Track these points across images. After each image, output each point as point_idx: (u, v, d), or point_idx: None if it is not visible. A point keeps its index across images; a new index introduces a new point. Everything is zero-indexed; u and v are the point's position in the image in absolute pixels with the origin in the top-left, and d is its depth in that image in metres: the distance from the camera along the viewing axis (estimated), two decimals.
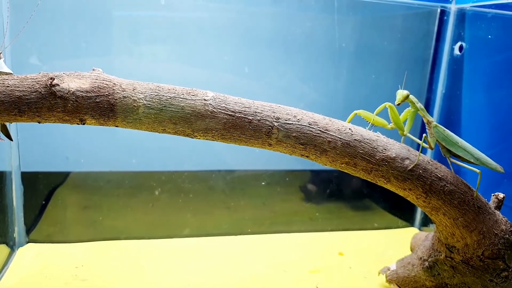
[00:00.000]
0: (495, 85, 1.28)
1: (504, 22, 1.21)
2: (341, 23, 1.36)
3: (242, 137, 0.74)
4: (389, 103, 0.79)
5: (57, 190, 1.27)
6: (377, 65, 1.44)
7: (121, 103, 0.69)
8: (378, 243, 1.40)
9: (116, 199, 1.33)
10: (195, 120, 0.71)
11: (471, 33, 1.32)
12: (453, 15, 1.36)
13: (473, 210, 0.79)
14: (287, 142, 0.74)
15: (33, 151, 1.23)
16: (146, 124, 0.71)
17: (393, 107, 0.80)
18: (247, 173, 1.44)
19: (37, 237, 1.23)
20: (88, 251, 1.20)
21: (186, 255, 1.23)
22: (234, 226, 1.40)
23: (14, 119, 0.69)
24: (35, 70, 0.78)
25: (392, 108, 0.80)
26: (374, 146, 0.76)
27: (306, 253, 1.29)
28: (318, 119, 0.76)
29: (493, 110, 1.29)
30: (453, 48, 1.37)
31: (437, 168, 0.79)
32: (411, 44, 1.48)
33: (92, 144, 1.28)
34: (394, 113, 0.80)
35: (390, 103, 0.79)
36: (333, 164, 0.77)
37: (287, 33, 1.36)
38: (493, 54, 1.26)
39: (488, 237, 0.80)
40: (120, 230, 1.30)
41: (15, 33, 0.83)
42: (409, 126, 0.83)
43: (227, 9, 1.31)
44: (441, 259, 0.87)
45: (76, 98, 0.68)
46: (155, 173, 1.36)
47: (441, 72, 1.41)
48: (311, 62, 1.40)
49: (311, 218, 1.48)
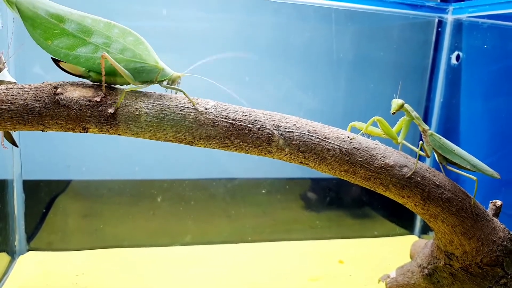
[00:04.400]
0: (493, 93, 1.29)
1: (500, 32, 1.23)
2: (340, 33, 1.38)
3: (243, 145, 0.75)
4: (377, 117, 0.80)
5: (58, 198, 1.28)
6: (375, 74, 1.46)
7: (124, 112, 0.71)
8: (378, 250, 1.40)
9: (117, 207, 1.33)
10: (196, 128, 0.72)
11: (468, 43, 1.34)
12: (450, 25, 1.38)
13: (471, 217, 0.80)
14: (287, 150, 0.75)
15: (34, 159, 1.23)
16: (148, 133, 0.72)
17: (381, 120, 0.81)
18: (248, 181, 1.44)
19: (37, 245, 1.24)
20: (89, 259, 1.21)
21: (186, 263, 1.23)
22: (235, 234, 1.40)
23: (18, 127, 0.70)
24: (38, 79, 0.80)
25: (381, 121, 0.81)
26: (373, 154, 0.77)
27: (306, 261, 1.29)
28: (317, 127, 0.77)
29: (491, 119, 1.30)
30: (450, 57, 1.39)
31: (435, 175, 0.79)
32: (410, 54, 1.49)
33: (94, 153, 1.29)
34: (383, 125, 0.81)
35: (378, 117, 0.80)
36: (332, 171, 0.78)
37: (287, 43, 1.38)
38: (489, 63, 1.28)
39: (486, 244, 0.81)
40: (121, 238, 1.31)
41: (19, 43, 0.85)
42: (404, 134, 0.83)
43: (228, 19, 1.33)
44: (441, 267, 0.88)
45: (79, 106, 0.69)
46: (156, 181, 1.36)
47: (439, 81, 1.43)
48: (311, 71, 1.42)
49: (311, 226, 1.48)
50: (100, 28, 0.70)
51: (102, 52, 0.69)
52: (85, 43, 0.70)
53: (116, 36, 0.71)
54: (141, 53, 0.72)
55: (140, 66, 0.72)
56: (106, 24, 0.70)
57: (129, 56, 0.71)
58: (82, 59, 0.70)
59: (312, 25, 1.38)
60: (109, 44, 0.70)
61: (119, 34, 0.71)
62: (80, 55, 0.70)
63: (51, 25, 0.68)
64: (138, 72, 0.72)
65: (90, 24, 0.70)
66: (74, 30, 0.69)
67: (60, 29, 0.69)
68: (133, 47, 0.71)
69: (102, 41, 0.70)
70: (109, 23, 0.71)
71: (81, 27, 0.69)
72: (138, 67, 0.72)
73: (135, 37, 0.72)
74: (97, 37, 0.70)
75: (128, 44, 0.71)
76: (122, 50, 0.71)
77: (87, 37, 0.70)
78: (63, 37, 0.69)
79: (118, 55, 0.71)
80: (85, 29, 0.69)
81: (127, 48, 0.71)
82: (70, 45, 0.69)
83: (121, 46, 0.71)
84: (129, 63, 0.71)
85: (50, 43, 0.69)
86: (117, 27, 0.71)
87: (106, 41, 0.70)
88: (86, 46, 0.70)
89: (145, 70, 0.72)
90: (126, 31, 0.71)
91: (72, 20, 0.69)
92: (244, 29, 1.34)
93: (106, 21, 0.71)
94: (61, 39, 0.69)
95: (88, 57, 0.70)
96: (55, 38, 0.69)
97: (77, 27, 0.69)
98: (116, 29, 0.71)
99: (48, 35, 0.69)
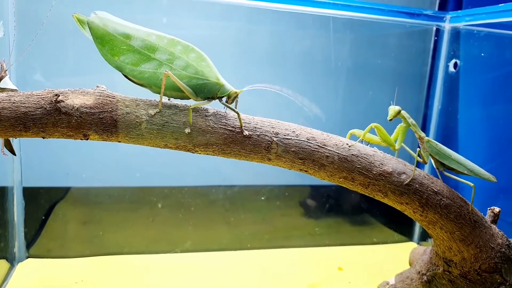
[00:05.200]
0: (490, 101, 1.30)
1: (496, 41, 1.24)
2: (338, 41, 1.39)
3: (242, 152, 0.75)
4: (374, 124, 0.81)
5: (58, 205, 1.28)
6: (374, 82, 1.47)
7: (124, 119, 0.71)
8: (377, 257, 1.40)
9: (117, 214, 1.33)
10: (196, 136, 0.73)
11: (465, 51, 1.35)
12: (448, 34, 1.39)
13: (470, 224, 0.80)
14: (286, 157, 0.76)
15: (34, 166, 1.24)
16: (148, 140, 0.73)
17: (378, 127, 0.81)
18: (247, 188, 1.45)
19: (37, 252, 1.23)
20: (88, 266, 1.21)
21: (186, 270, 1.23)
22: (234, 241, 1.40)
23: (19, 134, 0.70)
24: (39, 86, 0.80)
25: (378, 128, 0.82)
26: (371, 161, 0.78)
27: (306, 268, 1.29)
28: (316, 134, 0.78)
29: (488, 126, 1.31)
30: (448, 65, 1.40)
31: (433, 182, 0.80)
32: (408, 62, 1.50)
33: (93, 160, 1.29)
34: (381, 131, 0.82)
35: (376, 124, 0.81)
36: (331, 178, 0.78)
37: (286, 51, 1.39)
38: (487, 71, 1.29)
39: (485, 251, 0.81)
40: (121, 245, 1.31)
41: (21, 51, 0.85)
42: (401, 141, 0.84)
43: (228, 27, 1.34)
44: (439, 273, 0.88)
45: (80, 114, 0.70)
46: (156, 188, 1.37)
47: (437, 88, 1.44)
48: (309, 79, 1.43)
49: (310, 233, 1.48)
50: (164, 45, 0.72)
51: (166, 69, 0.71)
52: (149, 59, 0.72)
53: (179, 53, 0.72)
54: (203, 70, 0.73)
55: (202, 82, 0.73)
56: (170, 40, 0.72)
57: (191, 72, 0.73)
58: (147, 75, 0.72)
59: (311, 33, 1.40)
60: (172, 60, 0.72)
61: (182, 50, 0.72)
62: (144, 70, 0.72)
63: (119, 42, 0.71)
64: (199, 88, 0.74)
65: (155, 40, 0.72)
66: (139, 46, 0.71)
67: (127, 45, 0.71)
68: (195, 63, 0.73)
69: (165, 57, 0.72)
70: (173, 40, 0.72)
71: (146, 43, 0.71)
72: (200, 83, 0.73)
73: (197, 54, 0.73)
74: (161, 53, 0.72)
75: (190, 61, 0.73)
76: (185, 67, 0.73)
77: (151, 53, 0.72)
78: (129, 53, 0.71)
79: (181, 71, 0.72)
80: (150, 45, 0.72)
81: (190, 64, 0.73)
82: (135, 60, 0.72)
83: (184, 62, 0.72)
84: (191, 80, 0.73)
85: (117, 58, 0.71)
86: (181, 43, 0.73)
87: (170, 57, 0.72)
88: (150, 62, 0.72)
89: (207, 86, 0.74)
90: (189, 48, 0.73)
91: (137, 37, 0.71)
92: (244, 37, 1.36)
93: (170, 38, 0.72)
94: (127, 55, 0.71)
95: (152, 73, 0.72)
96: (121, 54, 0.71)
97: (142, 43, 0.71)
98: (179, 46, 0.72)
99: (115, 51, 0.71)
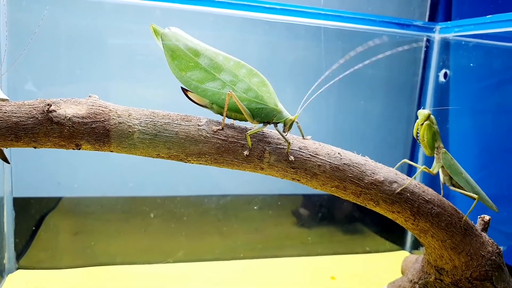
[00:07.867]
0: (479, 110, 1.32)
1: (485, 51, 1.27)
2: (330, 51, 1.40)
3: (235, 161, 0.75)
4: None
5: (48, 215, 1.27)
6: (366, 92, 1.48)
7: (117, 129, 0.71)
8: (369, 266, 1.40)
9: (109, 224, 1.32)
10: (189, 145, 0.73)
11: (455, 61, 1.38)
12: (437, 44, 1.41)
13: (460, 232, 0.81)
14: (279, 166, 0.76)
15: (25, 177, 1.23)
16: (140, 149, 0.73)
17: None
18: (240, 197, 1.45)
19: (27, 263, 1.22)
20: (80, 277, 1.19)
21: (179, 280, 1.22)
22: (227, 251, 1.40)
23: (10, 144, 0.70)
24: (30, 96, 0.80)
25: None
26: (363, 170, 0.78)
27: (298, 277, 1.29)
28: (308, 143, 0.78)
29: (478, 135, 1.33)
30: (438, 75, 1.42)
31: (424, 191, 0.81)
32: (399, 72, 1.52)
33: (85, 169, 1.28)
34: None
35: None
36: (323, 187, 0.79)
37: (277, 61, 1.40)
38: (476, 81, 1.31)
39: (475, 259, 0.82)
40: (113, 255, 1.30)
41: (12, 60, 0.85)
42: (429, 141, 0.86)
43: (220, 37, 1.35)
44: (431, 282, 0.88)
45: (73, 124, 0.69)
46: (148, 198, 1.36)
47: (427, 98, 1.45)
48: (301, 89, 1.43)
49: (303, 242, 1.48)
50: (230, 67, 0.73)
51: (229, 89, 0.72)
52: (214, 78, 0.73)
53: (243, 76, 0.74)
54: (263, 95, 0.74)
55: (261, 107, 0.75)
56: (235, 63, 0.73)
57: (251, 96, 0.74)
58: (209, 93, 0.73)
59: (303, 43, 1.41)
60: (235, 82, 0.73)
61: (246, 74, 0.74)
62: (208, 88, 0.73)
63: (188, 58, 0.72)
64: (257, 112, 0.75)
65: (221, 61, 0.73)
66: (206, 65, 0.73)
67: (195, 62, 0.73)
68: (256, 88, 0.74)
69: (229, 78, 0.73)
70: (239, 63, 0.74)
71: (213, 63, 0.73)
72: (258, 107, 0.74)
73: (260, 79, 0.74)
74: (226, 74, 0.73)
75: (252, 85, 0.74)
76: (246, 90, 0.74)
77: (217, 73, 0.73)
78: (196, 70, 0.73)
79: (242, 94, 0.74)
80: (216, 65, 0.73)
81: (251, 88, 0.74)
82: (201, 78, 0.73)
83: (246, 86, 0.74)
84: (250, 103, 0.74)
85: (184, 74, 0.73)
86: (245, 67, 0.74)
87: (233, 79, 0.73)
88: (214, 81, 0.73)
89: (264, 111, 0.75)
90: (252, 72, 0.74)
91: (206, 56, 0.73)
92: (236, 47, 1.36)
93: (236, 61, 0.74)
94: (194, 72, 0.73)
95: (215, 92, 0.73)
96: (189, 70, 0.73)
97: (209, 62, 0.73)
98: (244, 69, 0.74)
99: (183, 66, 0.73)
